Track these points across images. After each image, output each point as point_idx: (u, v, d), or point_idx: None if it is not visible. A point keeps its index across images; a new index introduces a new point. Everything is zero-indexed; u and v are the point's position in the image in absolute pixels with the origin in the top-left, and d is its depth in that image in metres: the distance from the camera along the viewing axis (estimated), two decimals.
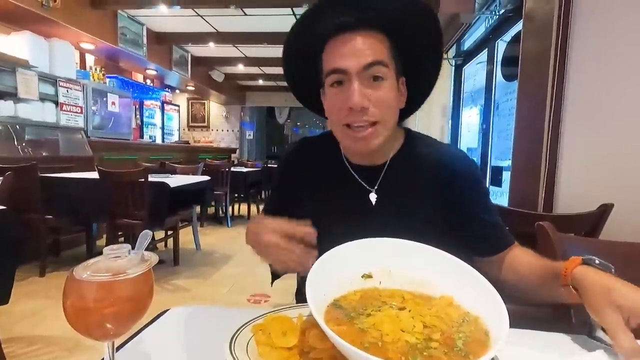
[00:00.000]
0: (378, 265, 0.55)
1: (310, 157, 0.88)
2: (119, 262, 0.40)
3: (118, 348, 0.48)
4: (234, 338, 0.46)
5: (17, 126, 3.58)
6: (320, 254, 0.53)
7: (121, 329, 0.39)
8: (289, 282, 0.88)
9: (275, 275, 1.05)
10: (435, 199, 0.77)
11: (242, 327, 0.49)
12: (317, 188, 0.83)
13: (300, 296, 0.91)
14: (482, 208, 0.77)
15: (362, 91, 0.68)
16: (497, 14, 2.83)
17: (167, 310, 0.63)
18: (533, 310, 1.31)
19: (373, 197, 0.79)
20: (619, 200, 1.32)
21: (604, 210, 1.28)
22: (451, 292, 0.50)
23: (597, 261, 0.55)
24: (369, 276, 0.55)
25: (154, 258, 0.43)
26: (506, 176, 2.88)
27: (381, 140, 0.73)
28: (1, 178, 1.81)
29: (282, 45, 0.78)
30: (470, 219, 0.76)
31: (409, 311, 0.46)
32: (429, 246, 0.56)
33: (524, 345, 0.54)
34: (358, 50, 0.69)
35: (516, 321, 0.60)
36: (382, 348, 0.39)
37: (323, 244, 0.56)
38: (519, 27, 2.48)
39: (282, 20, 5.30)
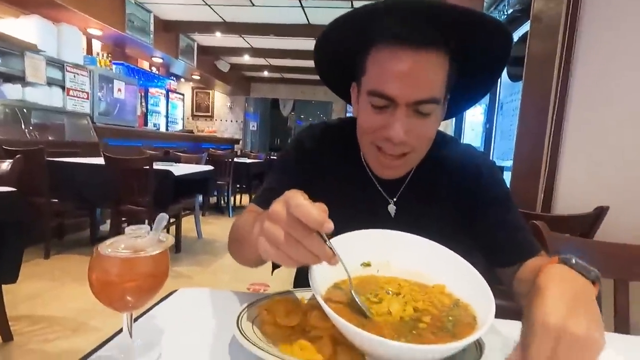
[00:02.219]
0: (377, 255, 0.58)
1: (329, 148, 0.78)
2: (138, 241, 0.44)
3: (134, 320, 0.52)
4: (241, 315, 0.50)
5: (25, 110, 3.62)
6: None
7: (140, 302, 0.43)
8: (288, 271, 0.88)
9: (275, 265, 1.07)
10: (456, 207, 0.73)
11: (248, 306, 0.53)
12: (330, 186, 0.73)
13: (298, 283, 0.90)
14: (499, 216, 0.71)
15: (406, 124, 0.61)
16: (506, 13, 2.83)
17: (176, 290, 0.66)
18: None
19: (392, 208, 0.74)
20: (616, 203, 1.35)
21: (600, 213, 1.31)
22: (444, 282, 0.53)
23: (573, 260, 0.44)
24: (368, 265, 0.58)
25: (170, 239, 0.46)
26: (507, 176, 2.90)
27: (409, 168, 0.70)
28: (11, 161, 1.86)
29: (290, 37, 0.70)
30: (486, 226, 0.72)
31: (404, 296, 0.49)
32: (427, 239, 0.59)
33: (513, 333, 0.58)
34: (412, 79, 0.59)
35: (512, 317, 0.63)
36: (377, 327, 0.43)
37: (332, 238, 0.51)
38: (526, 27, 2.48)
39: (290, 12, 5.29)
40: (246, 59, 7.79)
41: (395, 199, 0.74)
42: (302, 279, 0.90)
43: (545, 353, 0.36)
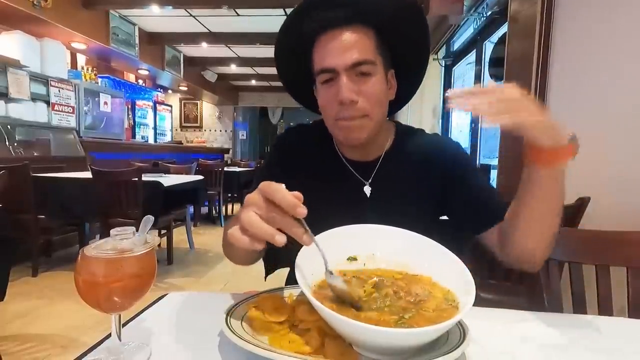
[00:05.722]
0: (363, 249, 0.60)
1: (305, 145, 0.87)
2: (124, 242, 0.44)
3: (122, 325, 0.52)
4: (229, 313, 0.50)
5: (9, 126, 3.56)
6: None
7: (127, 302, 0.43)
8: (282, 278, 0.87)
9: (268, 270, 1.06)
10: (427, 188, 0.80)
11: (237, 304, 0.53)
12: (310, 178, 0.81)
13: (290, 282, 0.93)
14: (470, 185, 0.78)
15: (351, 86, 0.70)
16: (484, 15, 2.91)
17: (166, 294, 0.67)
18: (510, 298, 1.38)
19: (367, 189, 0.80)
20: (596, 193, 1.39)
21: (581, 203, 1.35)
22: (428, 271, 0.55)
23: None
24: (354, 259, 0.59)
25: (156, 240, 0.47)
26: (494, 174, 2.96)
27: (371, 132, 0.76)
28: None
29: (274, 45, 0.81)
30: (460, 197, 0.78)
31: (390, 286, 0.51)
32: (410, 231, 0.60)
33: (496, 320, 0.60)
34: (344, 48, 0.70)
35: (494, 307, 0.65)
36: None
37: (317, 235, 0.55)
38: (505, 28, 2.55)
39: (275, 21, 5.34)
40: (233, 68, 7.81)
41: (369, 181, 0.81)
42: (293, 282, 0.90)
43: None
